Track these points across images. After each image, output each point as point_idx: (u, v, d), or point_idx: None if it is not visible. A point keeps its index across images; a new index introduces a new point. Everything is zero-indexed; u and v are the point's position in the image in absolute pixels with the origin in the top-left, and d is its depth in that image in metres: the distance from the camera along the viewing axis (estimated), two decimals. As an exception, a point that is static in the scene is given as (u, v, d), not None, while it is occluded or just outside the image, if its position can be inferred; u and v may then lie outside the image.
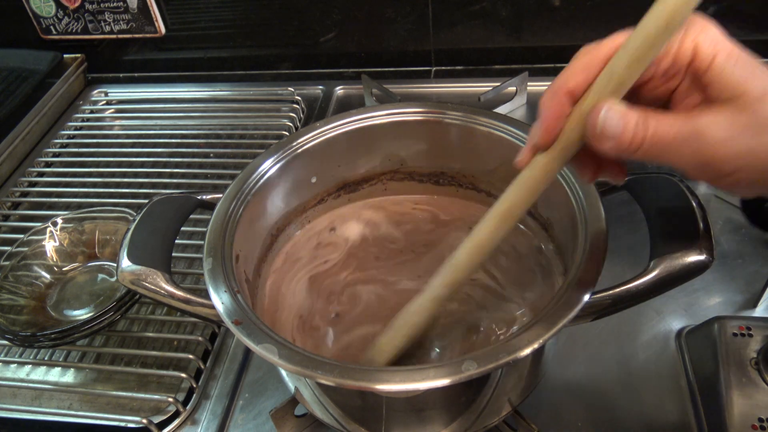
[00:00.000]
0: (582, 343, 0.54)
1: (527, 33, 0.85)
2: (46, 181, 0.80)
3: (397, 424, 0.41)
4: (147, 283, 0.41)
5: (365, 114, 0.52)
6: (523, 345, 0.33)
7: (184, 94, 0.92)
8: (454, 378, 0.33)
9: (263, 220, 0.49)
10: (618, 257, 0.57)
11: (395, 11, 0.85)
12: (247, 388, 0.55)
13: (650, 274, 0.37)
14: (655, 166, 0.74)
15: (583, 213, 0.41)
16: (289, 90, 0.89)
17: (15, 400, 0.56)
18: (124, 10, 0.88)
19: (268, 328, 0.37)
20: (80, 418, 0.54)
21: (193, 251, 0.66)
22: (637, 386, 0.50)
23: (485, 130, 0.50)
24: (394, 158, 0.54)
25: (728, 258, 0.59)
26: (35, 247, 0.63)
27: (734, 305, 0.55)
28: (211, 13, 0.91)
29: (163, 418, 0.52)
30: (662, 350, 0.53)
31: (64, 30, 0.91)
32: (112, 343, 0.59)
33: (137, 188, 0.75)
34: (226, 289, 0.39)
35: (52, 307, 0.60)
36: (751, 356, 0.46)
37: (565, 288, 0.37)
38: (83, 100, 0.94)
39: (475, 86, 0.84)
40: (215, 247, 0.42)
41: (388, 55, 0.90)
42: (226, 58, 0.97)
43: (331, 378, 0.33)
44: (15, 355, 0.60)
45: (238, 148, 0.80)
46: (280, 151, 0.50)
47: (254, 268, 0.48)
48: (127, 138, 0.86)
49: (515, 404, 0.44)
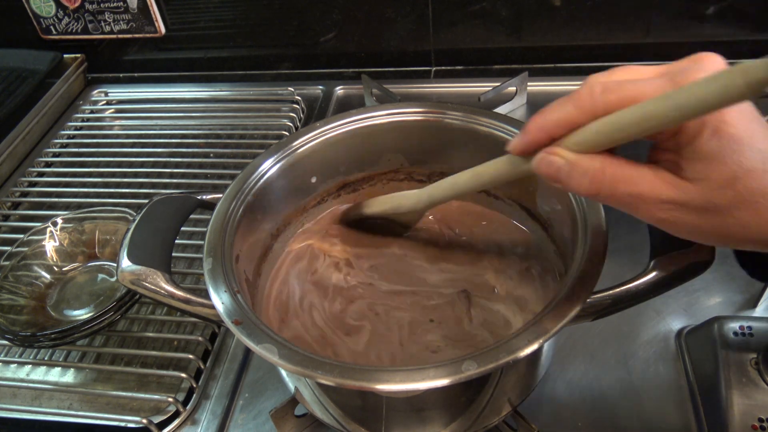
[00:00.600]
0: (582, 343, 0.54)
1: (527, 33, 0.85)
2: (46, 181, 0.81)
3: (397, 424, 0.41)
4: (147, 283, 0.41)
5: (365, 114, 0.52)
6: (523, 345, 0.33)
7: (184, 94, 0.92)
8: (454, 378, 0.33)
9: (263, 219, 0.49)
10: (618, 257, 0.57)
11: (395, 11, 0.85)
12: (247, 388, 0.55)
13: (650, 274, 0.37)
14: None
15: (583, 213, 0.41)
16: (289, 90, 0.89)
17: (15, 400, 0.57)
18: (124, 10, 0.88)
19: (268, 328, 0.37)
20: (80, 418, 0.54)
21: (193, 251, 0.66)
22: (637, 386, 0.50)
23: (485, 130, 0.50)
24: (394, 158, 0.54)
25: (728, 258, 0.59)
26: (35, 247, 0.63)
27: (734, 305, 0.55)
28: (211, 13, 0.91)
29: (163, 418, 0.52)
30: (662, 350, 0.53)
31: (64, 30, 0.91)
32: (112, 343, 0.59)
33: (137, 188, 0.75)
34: (226, 289, 0.39)
35: (52, 307, 0.60)
36: (751, 356, 0.46)
37: (565, 288, 0.37)
38: (83, 100, 0.94)
39: (475, 86, 0.84)
40: (215, 247, 0.42)
41: (388, 55, 0.91)
42: (226, 58, 0.97)
43: (331, 378, 0.33)
44: (15, 355, 0.60)
45: (238, 148, 0.80)
46: (280, 151, 0.50)
47: (254, 268, 0.48)
48: (127, 138, 0.86)
49: (515, 404, 0.44)
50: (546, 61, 0.87)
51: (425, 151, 0.54)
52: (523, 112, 0.80)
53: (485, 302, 0.47)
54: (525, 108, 0.80)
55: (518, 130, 0.47)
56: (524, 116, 0.79)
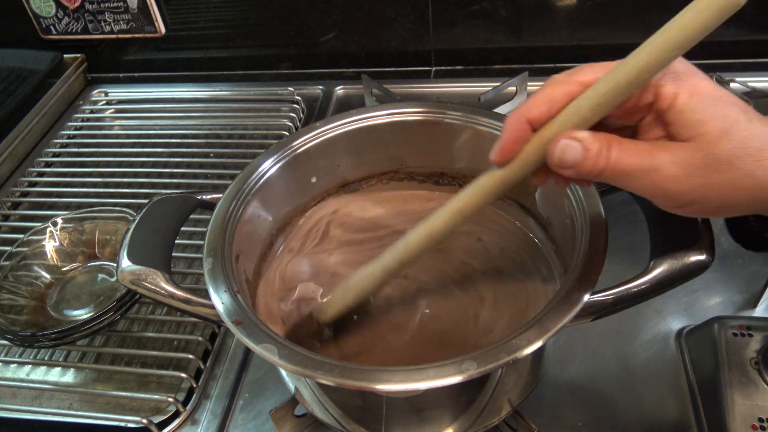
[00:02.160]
0: (582, 343, 0.54)
1: (527, 33, 0.85)
2: (46, 181, 0.80)
3: (397, 424, 0.41)
4: (147, 283, 0.41)
5: (365, 114, 0.52)
6: (523, 345, 0.33)
7: (184, 94, 0.92)
8: (454, 378, 0.33)
9: (263, 219, 0.49)
10: (618, 257, 0.57)
11: (395, 11, 0.85)
12: (247, 388, 0.55)
13: (650, 274, 0.37)
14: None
15: (583, 213, 0.41)
16: (289, 90, 0.89)
17: (15, 400, 0.57)
18: (124, 10, 0.88)
19: (268, 328, 0.37)
20: (80, 418, 0.54)
21: (193, 251, 0.66)
22: (637, 386, 0.50)
23: (485, 130, 0.50)
24: (394, 158, 0.54)
25: (728, 258, 0.59)
26: (35, 247, 0.63)
27: (734, 305, 0.55)
28: (211, 13, 0.91)
29: (163, 418, 0.52)
30: (662, 350, 0.53)
31: (64, 30, 0.91)
32: (112, 343, 0.59)
33: (137, 188, 0.75)
34: (226, 289, 0.39)
35: (52, 307, 0.60)
36: (751, 356, 0.46)
37: (565, 288, 0.37)
38: (83, 100, 0.94)
39: (475, 86, 0.84)
40: (215, 247, 0.42)
41: (388, 55, 0.90)
42: (226, 58, 0.97)
43: (331, 378, 0.33)
44: (15, 355, 0.60)
45: (238, 148, 0.80)
46: (280, 151, 0.50)
47: (254, 268, 0.48)
48: (127, 138, 0.86)
49: (515, 404, 0.44)
50: (546, 61, 0.87)
51: (425, 151, 0.54)
52: (523, 112, 0.80)
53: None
54: (525, 108, 0.80)
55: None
56: (524, 116, 0.79)
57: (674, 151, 0.29)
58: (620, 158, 0.30)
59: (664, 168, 0.29)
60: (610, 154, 0.30)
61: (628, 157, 0.30)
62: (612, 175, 0.31)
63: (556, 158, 0.31)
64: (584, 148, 0.30)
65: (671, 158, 0.29)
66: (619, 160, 0.30)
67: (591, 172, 0.31)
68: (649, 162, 0.30)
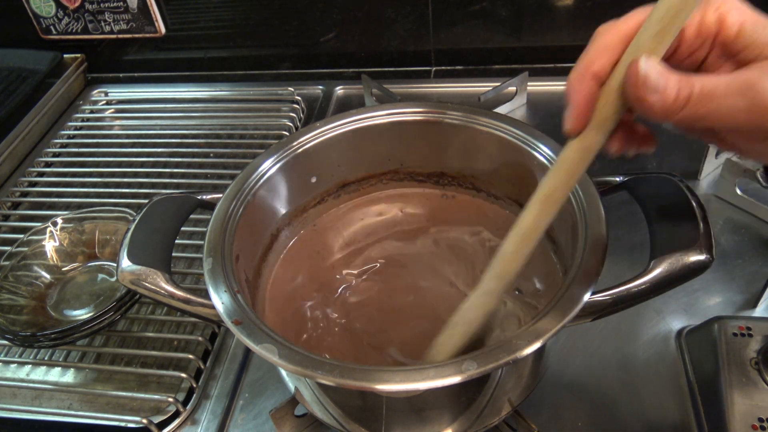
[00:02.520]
0: (582, 343, 0.54)
1: (527, 33, 0.85)
2: (46, 181, 0.80)
3: (397, 424, 0.41)
4: (147, 283, 0.41)
5: (365, 114, 0.52)
6: (523, 345, 0.33)
7: (184, 94, 0.92)
8: (454, 378, 0.33)
9: (263, 220, 0.49)
10: (618, 257, 0.57)
11: (395, 11, 0.85)
12: (247, 388, 0.55)
13: (650, 274, 0.37)
14: (655, 166, 0.74)
15: (583, 213, 0.41)
16: (289, 90, 0.89)
17: (15, 400, 0.57)
18: (124, 10, 0.88)
19: (268, 328, 0.37)
20: (80, 418, 0.54)
21: (193, 251, 0.66)
22: (637, 386, 0.50)
23: (485, 130, 0.50)
24: (394, 158, 0.54)
25: (728, 258, 0.59)
26: (35, 247, 0.63)
27: (734, 305, 0.55)
28: (211, 13, 0.91)
29: (163, 418, 0.52)
30: (662, 350, 0.53)
31: (64, 30, 0.91)
32: (112, 343, 0.59)
33: (137, 188, 0.75)
34: (226, 289, 0.39)
35: (52, 307, 0.60)
36: (751, 356, 0.46)
37: (564, 288, 0.37)
38: (83, 100, 0.94)
39: (475, 86, 0.84)
40: (215, 247, 0.42)
41: (388, 55, 0.90)
42: (226, 58, 0.97)
43: (331, 378, 0.33)
44: (15, 355, 0.60)
45: (238, 148, 0.80)
46: (280, 151, 0.50)
47: (254, 268, 0.48)
48: (127, 138, 0.86)
49: (515, 404, 0.44)
50: (546, 61, 0.87)
51: (425, 150, 0.54)
52: (523, 112, 0.80)
53: None
54: (525, 108, 0.80)
55: (518, 130, 0.48)
56: (524, 116, 0.79)
57: (763, 66, 0.27)
58: (706, 82, 0.27)
59: (761, 81, 0.27)
60: (692, 81, 0.27)
61: (714, 80, 0.27)
62: (698, 103, 0.27)
63: (641, 80, 0.28)
64: (663, 75, 0.28)
65: (761, 72, 0.27)
66: (705, 84, 0.27)
67: (676, 101, 0.27)
68: (741, 80, 0.27)
